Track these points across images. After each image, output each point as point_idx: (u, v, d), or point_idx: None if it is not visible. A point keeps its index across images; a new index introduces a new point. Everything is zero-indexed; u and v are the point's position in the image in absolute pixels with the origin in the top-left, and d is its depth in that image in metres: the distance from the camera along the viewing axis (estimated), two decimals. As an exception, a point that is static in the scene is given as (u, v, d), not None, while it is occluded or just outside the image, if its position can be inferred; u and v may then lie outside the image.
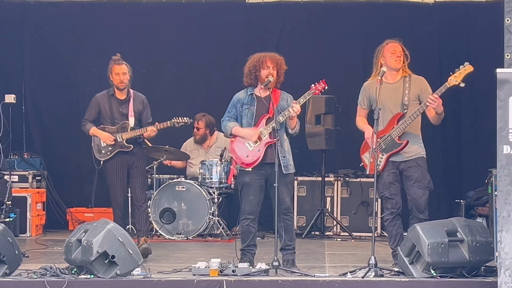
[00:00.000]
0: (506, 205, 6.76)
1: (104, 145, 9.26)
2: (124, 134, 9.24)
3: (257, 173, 8.06)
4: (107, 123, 9.33)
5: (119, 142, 9.23)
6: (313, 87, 8.18)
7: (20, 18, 12.59)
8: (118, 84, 9.25)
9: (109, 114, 9.31)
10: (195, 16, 12.49)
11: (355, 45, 12.49)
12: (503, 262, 6.74)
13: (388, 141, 8.06)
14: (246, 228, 8.13)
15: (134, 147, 9.28)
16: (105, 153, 9.26)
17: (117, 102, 9.32)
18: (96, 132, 9.32)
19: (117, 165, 9.26)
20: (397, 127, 8.04)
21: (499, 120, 6.83)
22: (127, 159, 9.27)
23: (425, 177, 8.16)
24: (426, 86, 8.21)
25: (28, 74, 12.74)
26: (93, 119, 9.40)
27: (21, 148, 12.52)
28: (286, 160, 8.06)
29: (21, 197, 11.30)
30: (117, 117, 9.30)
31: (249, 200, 8.08)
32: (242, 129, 8.13)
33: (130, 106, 9.31)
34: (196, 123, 11.71)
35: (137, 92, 9.47)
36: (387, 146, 8.06)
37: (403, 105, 8.10)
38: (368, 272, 7.35)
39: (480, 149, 11.64)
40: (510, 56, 6.94)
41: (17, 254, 7.52)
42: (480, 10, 11.96)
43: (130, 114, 9.31)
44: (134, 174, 9.30)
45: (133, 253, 7.30)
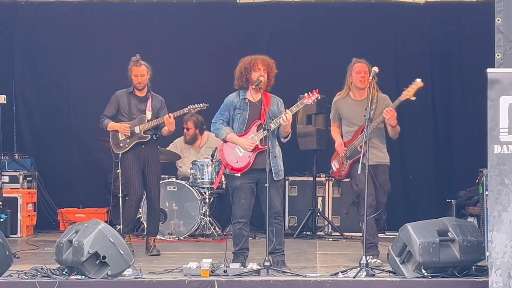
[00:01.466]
0: (497, 205, 6.77)
1: (122, 138, 9.44)
2: (141, 126, 9.41)
3: (247, 177, 8.05)
4: (125, 119, 9.49)
5: (137, 133, 9.39)
6: (306, 96, 8.17)
7: (10, 18, 12.56)
8: (136, 84, 9.48)
9: (127, 110, 9.47)
10: (186, 16, 12.48)
11: (346, 45, 12.50)
12: (494, 262, 6.75)
13: (352, 149, 8.63)
14: (238, 231, 8.11)
15: (150, 143, 9.44)
16: (123, 146, 9.44)
17: (136, 99, 9.52)
18: (114, 125, 9.48)
19: (133, 158, 9.43)
20: (360, 137, 8.49)
21: (489, 120, 6.84)
22: (143, 154, 9.45)
23: (386, 184, 8.72)
24: (388, 103, 8.70)
25: (19, 75, 12.71)
26: (112, 115, 9.55)
27: (12, 148, 12.48)
28: (277, 166, 8.05)
29: (12, 197, 11.27)
30: (135, 113, 9.48)
31: (241, 204, 8.06)
32: (237, 138, 8.08)
33: (148, 103, 9.50)
34: (185, 124, 11.71)
35: (155, 94, 9.65)
36: (350, 154, 8.63)
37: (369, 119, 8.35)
38: (359, 272, 7.36)
39: (471, 148, 11.67)
40: (501, 56, 6.95)
41: (8, 255, 7.50)
42: (470, 10, 11.99)
43: (148, 109, 9.49)
44: (149, 172, 9.48)
45: (124, 254, 7.30)
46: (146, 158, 9.46)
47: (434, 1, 12.25)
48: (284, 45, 12.36)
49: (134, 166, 9.43)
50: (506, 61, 6.93)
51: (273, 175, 7.95)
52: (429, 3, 12.27)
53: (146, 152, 9.47)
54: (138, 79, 9.43)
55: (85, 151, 12.56)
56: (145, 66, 9.45)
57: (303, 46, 12.51)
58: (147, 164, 9.46)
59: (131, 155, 9.44)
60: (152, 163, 9.50)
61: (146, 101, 9.51)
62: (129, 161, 9.44)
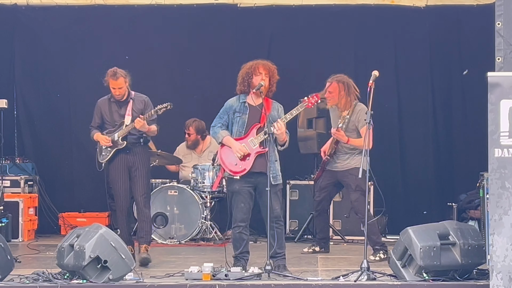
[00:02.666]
0: (497, 208, 6.77)
1: (104, 147, 9.27)
2: (120, 132, 9.20)
3: (245, 181, 8.03)
4: (109, 126, 9.32)
5: (116, 140, 9.19)
6: (306, 100, 8.18)
7: (11, 22, 12.57)
8: (115, 96, 9.28)
9: (109, 118, 9.31)
10: (187, 20, 12.49)
11: (346, 49, 12.52)
12: (495, 265, 6.75)
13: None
14: (238, 235, 8.10)
15: (135, 147, 9.23)
16: (105, 155, 9.25)
17: (116, 105, 9.31)
18: (97, 136, 9.32)
19: (117, 166, 9.21)
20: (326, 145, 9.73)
21: (490, 124, 6.85)
22: (127, 159, 9.21)
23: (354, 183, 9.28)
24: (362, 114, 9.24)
25: (20, 79, 12.72)
26: (98, 125, 9.39)
27: (13, 153, 12.49)
28: (275, 170, 8.03)
29: (13, 202, 11.27)
30: (117, 120, 9.28)
31: (240, 208, 8.06)
32: (232, 141, 8.06)
33: (128, 107, 9.27)
34: (187, 129, 11.73)
35: (139, 94, 9.45)
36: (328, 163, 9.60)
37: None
38: (360, 275, 7.36)
39: (471, 152, 11.68)
40: (501, 60, 6.95)
41: (9, 259, 7.50)
42: (471, 14, 11.99)
43: (127, 114, 9.26)
44: (135, 176, 9.23)
45: (126, 258, 7.29)
46: (131, 162, 9.19)
47: (434, 5, 12.26)
48: (284, 49, 12.37)
49: (120, 175, 9.17)
50: (506, 64, 6.93)
51: (271, 179, 7.92)
52: (429, 7, 12.28)
53: (132, 158, 9.20)
54: (116, 91, 9.20)
55: (86, 155, 12.51)
56: (123, 77, 9.19)
57: (304, 50, 12.52)
58: (133, 169, 9.19)
59: (116, 163, 9.19)
60: (139, 168, 9.21)
61: (126, 105, 9.27)
62: (114, 170, 9.20)
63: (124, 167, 9.22)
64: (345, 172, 9.41)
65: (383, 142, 11.94)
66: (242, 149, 8.00)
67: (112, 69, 9.27)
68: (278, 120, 7.96)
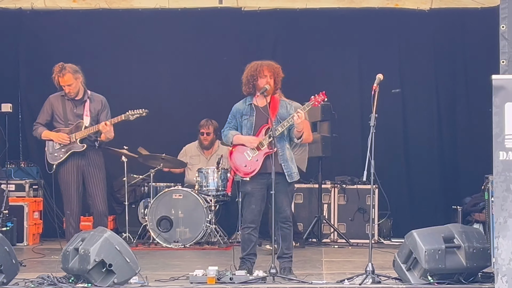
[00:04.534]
0: (502, 211, 6.77)
1: (57, 147, 8.99)
2: (77, 134, 8.94)
3: (258, 182, 8.06)
4: (60, 125, 9.05)
5: (73, 142, 8.92)
6: (312, 99, 8.21)
7: (16, 26, 12.58)
8: (67, 94, 8.98)
9: (62, 115, 9.04)
10: (191, 24, 12.50)
11: (350, 52, 12.53)
12: (500, 268, 6.75)
13: None
14: (247, 236, 8.11)
15: (89, 151, 8.98)
16: (57, 156, 8.96)
17: (72, 103, 9.03)
18: (49, 134, 9.02)
19: (70, 169, 8.94)
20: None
21: (495, 127, 6.84)
22: (81, 164, 8.95)
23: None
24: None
25: (24, 83, 12.73)
26: (46, 122, 9.10)
27: (18, 157, 12.49)
28: (289, 168, 8.05)
29: (18, 206, 11.28)
30: (71, 119, 9.02)
31: (251, 209, 8.07)
32: (243, 137, 8.13)
33: (86, 106, 9.01)
34: (206, 128, 11.69)
35: (96, 93, 9.18)
36: None
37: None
38: (365, 279, 7.36)
39: (476, 155, 11.66)
40: (506, 63, 6.96)
41: (14, 263, 7.51)
42: (475, 17, 12.00)
43: (85, 114, 9.01)
44: (90, 182, 9.00)
45: (131, 262, 7.30)
46: (85, 168, 8.95)
47: (438, 8, 12.26)
48: (288, 52, 12.37)
49: (72, 179, 8.91)
50: (511, 67, 6.94)
51: (286, 177, 7.98)
52: (433, 10, 12.28)
53: (85, 161, 8.95)
54: (66, 89, 8.92)
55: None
56: (70, 73, 8.91)
57: (308, 54, 12.53)
58: (86, 174, 8.95)
59: (68, 166, 8.92)
60: (92, 173, 8.97)
61: (83, 105, 9.00)
62: (65, 173, 8.92)
63: (78, 170, 8.97)
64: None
65: (388, 145, 11.94)
66: (255, 140, 8.03)
67: (59, 64, 8.98)
68: (299, 110, 7.98)
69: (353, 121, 12.32)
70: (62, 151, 8.97)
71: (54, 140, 8.99)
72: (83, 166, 8.98)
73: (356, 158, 11.60)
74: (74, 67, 9.02)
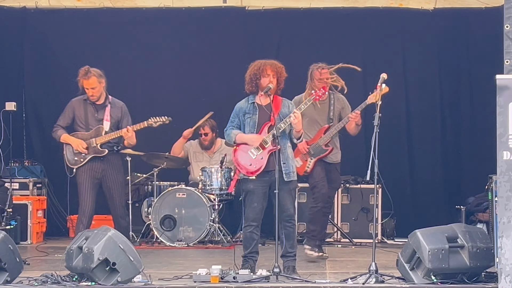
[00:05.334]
0: (506, 211, 6.77)
1: (76, 152, 9.08)
2: (98, 139, 9.04)
3: (260, 181, 8.08)
4: (81, 129, 9.13)
5: (93, 147, 9.00)
6: (313, 93, 8.31)
7: (20, 25, 12.60)
8: (89, 97, 9.07)
9: (83, 119, 9.10)
10: (195, 23, 12.50)
11: (354, 52, 12.50)
12: (504, 268, 6.75)
13: (316, 148, 9.48)
14: (249, 235, 8.12)
15: (108, 155, 9.05)
16: (78, 160, 9.04)
17: (93, 107, 9.11)
18: (68, 138, 9.11)
19: (88, 173, 9.02)
20: (324, 137, 9.50)
21: (499, 126, 6.84)
22: (100, 168, 9.04)
23: (339, 180, 9.99)
24: (347, 104, 9.72)
25: (29, 82, 12.74)
26: (66, 125, 9.18)
27: (22, 155, 12.52)
28: (288, 167, 8.07)
29: (21, 204, 11.30)
30: (92, 123, 9.10)
31: (253, 207, 8.09)
32: (245, 135, 8.15)
33: (106, 111, 9.10)
34: (202, 129, 11.71)
35: (116, 99, 9.27)
36: (315, 152, 9.47)
37: (329, 119, 9.58)
38: (369, 278, 7.36)
39: (480, 155, 11.65)
40: (510, 62, 6.95)
41: (18, 261, 7.52)
42: (479, 17, 11.99)
43: (105, 119, 9.10)
44: (108, 186, 9.08)
45: (134, 260, 7.31)
46: (104, 172, 9.03)
47: (442, 8, 12.25)
48: (292, 52, 12.37)
49: (88, 182, 8.99)
50: (515, 67, 6.93)
51: (284, 175, 7.98)
52: (437, 10, 12.28)
53: (104, 166, 9.04)
54: (89, 92, 9.00)
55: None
56: (95, 77, 9.02)
57: (312, 53, 12.49)
58: (105, 178, 9.03)
59: (86, 169, 8.99)
60: (110, 177, 9.07)
61: (104, 110, 9.11)
62: (83, 177, 8.99)
63: (95, 173, 9.05)
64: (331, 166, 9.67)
65: (391, 145, 11.94)
66: (257, 138, 8.05)
67: (84, 67, 9.06)
68: (295, 110, 8.02)
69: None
70: (82, 155, 9.04)
71: (73, 146, 9.04)
72: (103, 169, 9.05)
73: (360, 158, 11.62)
74: (98, 71, 9.13)
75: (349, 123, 9.49)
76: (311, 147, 9.44)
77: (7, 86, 12.53)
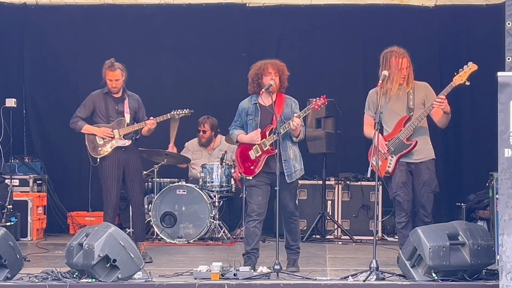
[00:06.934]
0: (507, 208, 6.76)
1: (100, 142, 9.18)
2: (121, 130, 9.17)
3: (263, 178, 8.11)
4: (101, 121, 9.24)
5: (117, 137, 9.15)
6: (313, 102, 8.28)
7: (20, 21, 12.59)
8: (111, 89, 9.23)
9: (104, 112, 9.24)
10: (196, 20, 12.50)
11: (355, 48, 12.51)
12: (505, 266, 6.74)
13: (397, 143, 8.23)
14: (252, 230, 8.09)
15: (130, 145, 9.20)
16: (101, 150, 9.16)
17: (113, 100, 9.27)
18: (91, 129, 9.22)
19: (112, 163, 9.15)
20: (404, 129, 8.23)
21: (500, 124, 6.83)
22: (123, 157, 9.17)
23: (433, 181, 8.31)
24: (430, 91, 8.44)
25: (29, 78, 12.74)
26: (86, 117, 9.30)
27: (22, 152, 12.52)
28: (291, 168, 8.08)
29: (22, 201, 11.30)
30: (112, 115, 9.23)
31: (258, 201, 8.09)
32: (245, 136, 8.19)
33: (125, 104, 9.25)
34: (202, 126, 11.71)
35: (131, 92, 9.41)
36: (396, 148, 8.22)
37: (409, 109, 8.28)
38: (369, 275, 7.36)
39: (480, 152, 11.65)
40: (511, 60, 6.94)
41: (19, 258, 7.52)
42: (480, 14, 11.97)
43: (126, 111, 9.25)
44: (130, 174, 9.22)
45: (135, 257, 7.30)
46: (126, 161, 9.17)
47: (443, 5, 12.24)
48: (293, 49, 12.37)
49: (113, 172, 9.12)
50: (516, 65, 6.92)
51: (286, 177, 8.01)
52: (438, 7, 12.26)
53: (126, 156, 9.18)
54: (112, 83, 9.16)
55: (94, 155, 12.59)
56: (120, 69, 9.19)
57: (312, 49, 12.52)
58: (127, 167, 9.18)
59: (110, 159, 9.13)
60: (133, 166, 9.22)
61: (123, 102, 9.25)
62: (108, 166, 9.13)
63: (119, 164, 9.18)
64: (421, 165, 8.33)
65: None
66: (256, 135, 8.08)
67: (110, 60, 9.23)
68: (294, 116, 8.00)
69: (358, 118, 12.23)
70: (107, 146, 9.17)
71: (98, 135, 9.18)
72: (125, 159, 9.19)
73: (361, 155, 11.57)
74: (122, 65, 9.27)
75: (435, 111, 8.24)
76: (390, 142, 8.23)
77: (7, 82, 12.53)
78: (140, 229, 9.38)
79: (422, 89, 8.39)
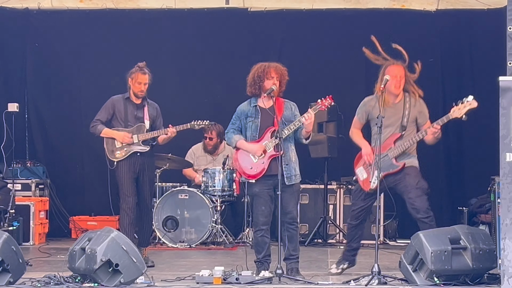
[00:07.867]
0: (509, 213, 6.76)
1: (118, 146, 9.22)
2: (140, 135, 9.22)
3: (265, 184, 8.03)
4: (120, 125, 9.28)
5: (135, 143, 9.20)
6: (319, 102, 8.17)
7: (22, 26, 12.61)
8: (138, 92, 9.24)
9: (123, 117, 9.27)
10: (197, 24, 12.51)
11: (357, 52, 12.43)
12: (506, 270, 6.75)
13: (385, 160, 8.10)
14: (260, 239, 8.05)
15: (146, 151, 9.26)
16: (120, 154, 9.22)
17: (133, 106, 9.30)
18: (110, 133, 9.25)
19: (129, 167, 9.20)
20: (394, 147, 8.17)
21: (501, 128, 6.84)
22: (139, 162, 9.22)
23: (415, 181, 8.14)
24: (424, 110, 8.38)
25: (31, 83, 12.76)
26: (105, 121, 9.33)
27: (24, 156, 12.52)
28: (290, 170, 8.02)
29: (24, 205, 11.31)
30: (131, 121, 9.26)
31: (261, 211, 8.03)
32: (247, 144, 8.09)
33: (145, 111, 9.30)
34: (209, 133, 11.68)
35: (151, 101, 9.47)
36: (383, 166, 8.00)
37: (402, 127, 8.21)
38: (371, 279, 7.36)
39: (482, 156, 11.65)
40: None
41: (21, 262, 7.53)
42: (482, 18, 11.98)
43: (145, 118, 9.30)
44: (143, 179, 9.26)
45: (137, 261, 7.31)
46: (142, 167, 9.21)
47: (445, 9, 12.25)
48: (295, 53, 12.38)
49: (129, 175, 9.16)
50: (517, 69, 6.93)
51: (285, 179, 7.94)
52: (440, 11, 12.28)
53: (142, 161, 9.22)
54: (141, 87, 9.19)
55: (96, 159, 12.53)
56: (149, 74, 9.23)
57: (314, 54, 12.53)
58: (142, 173, 9.22)
59: (126, 163, 9.17)
60: (147, 172, 9.27)
61: (143, 109, 9.29)
62: (124, 170, 9.17)
63: (135, 168, 9.23)
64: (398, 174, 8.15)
65: (394, 146, 11.93)
66: (260, 148, 8.01)
67: (142, 62, 9.29)
68: (309, 110, 7.95)
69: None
70: (124, 150, 9.21)
71: (117, 139, 9.22)
72: (140, 164, 9.24)
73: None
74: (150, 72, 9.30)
75: (427, 137, 8.14)
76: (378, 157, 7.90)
77: (9, 87, 12.55)
78: (146, 235, 9.40)
79: (417, 107, 8.32)
